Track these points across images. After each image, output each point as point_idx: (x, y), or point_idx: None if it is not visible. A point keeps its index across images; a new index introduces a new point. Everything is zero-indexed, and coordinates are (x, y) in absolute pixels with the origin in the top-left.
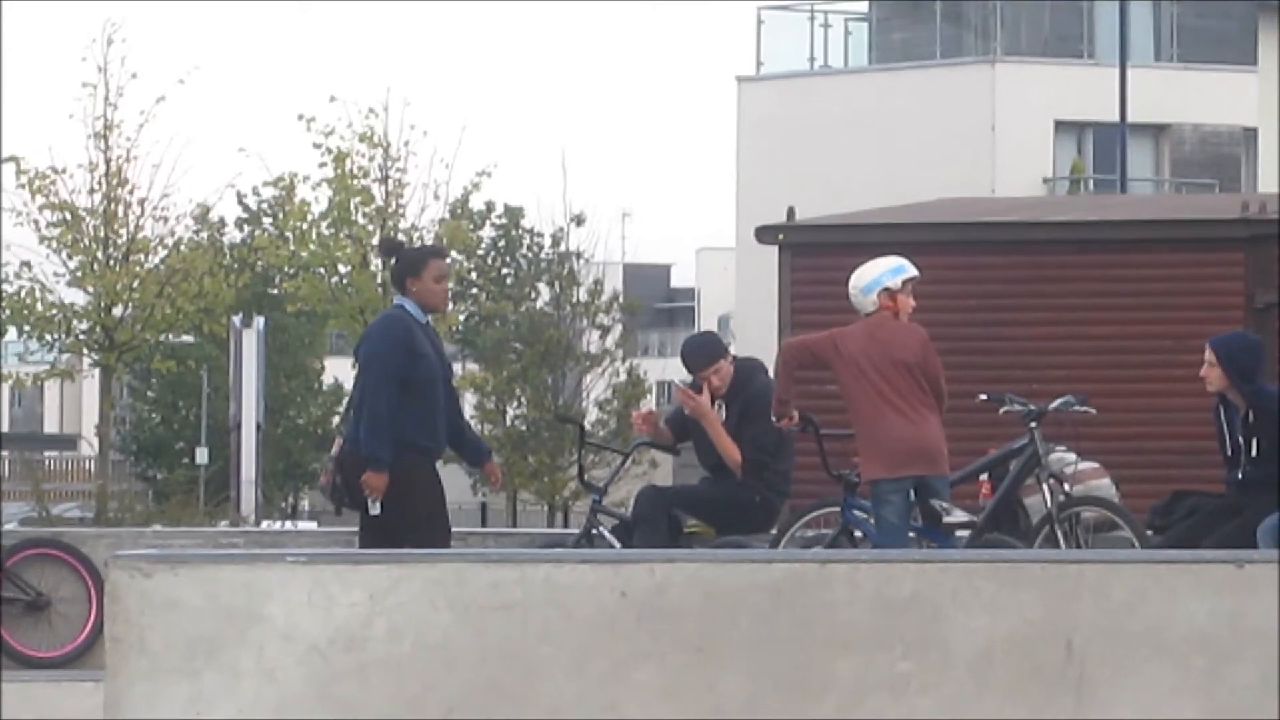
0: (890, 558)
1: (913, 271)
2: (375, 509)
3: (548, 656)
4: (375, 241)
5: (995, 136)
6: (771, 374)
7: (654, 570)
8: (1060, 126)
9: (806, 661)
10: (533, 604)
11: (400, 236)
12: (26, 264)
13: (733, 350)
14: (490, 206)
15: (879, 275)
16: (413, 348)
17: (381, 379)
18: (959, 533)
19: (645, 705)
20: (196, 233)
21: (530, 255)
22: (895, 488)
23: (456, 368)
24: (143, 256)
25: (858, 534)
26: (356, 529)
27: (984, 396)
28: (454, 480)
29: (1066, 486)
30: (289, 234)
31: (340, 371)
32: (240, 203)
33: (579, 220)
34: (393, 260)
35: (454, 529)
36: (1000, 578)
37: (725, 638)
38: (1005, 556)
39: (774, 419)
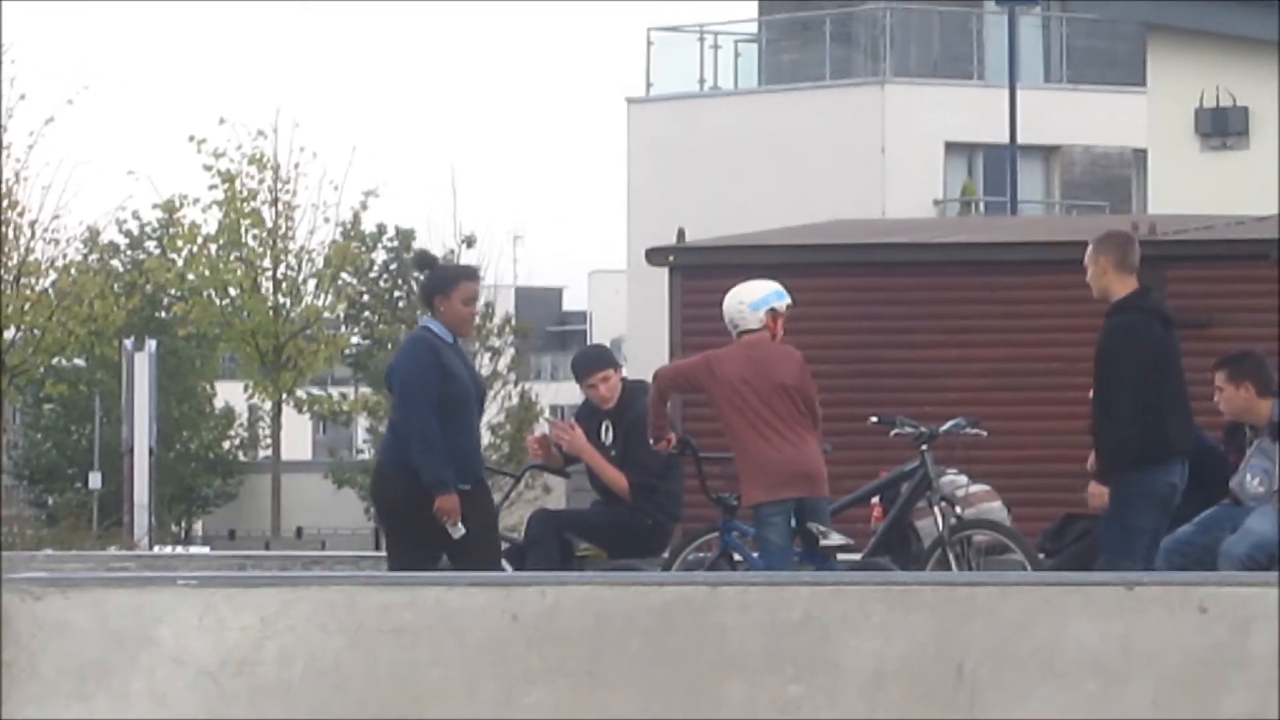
0: (781, 580)
1: (789, 299)
2: (458, 532)
3: (439, 680)
4: (265, 264)
5: (885, 158)
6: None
7: (545, 593)
8: (950, 148)
9: (697, 684)
10: (423, 627)
11: (291, 259)
12: None
13: (625, 373)
14: (382, 229)
15: (767, 295)
16: (444, 370)
17: (422, 403)
18: (839, 555)
19: None
20: (86, 255)
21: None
22: (777, 510)
23: (348, 392)
24: (33, 279)
25: (737, 557)
26: (247, 553)
27: (875, 419)
28: (347, 504)
29: (958, 509)
30: (174, 255)
31: (232, 395)
32: (120, 229)
33: (470, 242)
34: (423, 274)
35: (345, 553)
36: (891, 600)
37: (616, 660)
38: (896, 579)
39: (651, 442)
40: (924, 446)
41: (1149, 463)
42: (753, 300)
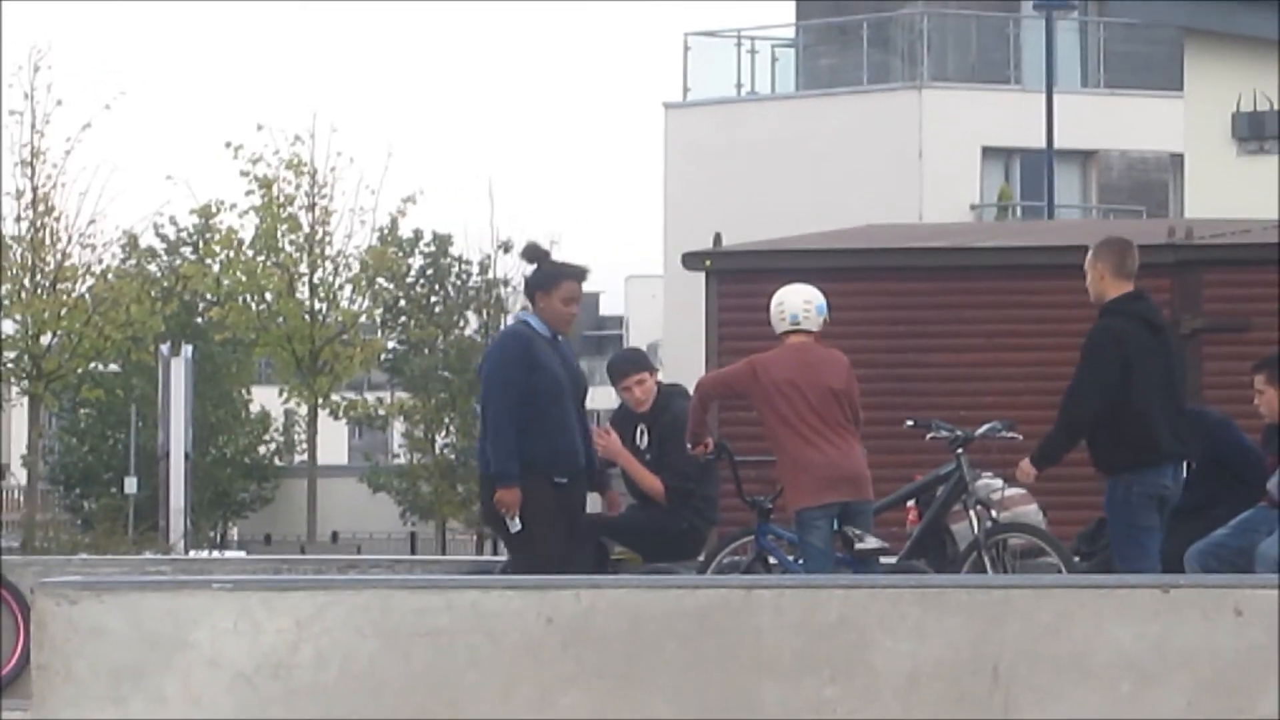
0: (816, 583)
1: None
2: (515, 525)
3: (474, 683)
4: (302, 269)
5: (922, 163)
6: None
7: (580, 596)
8: (988, 153)
9: (732, 686)
10: (459, 630)
11: (327, 264)
12: None
13: (660, 377)
14: (418, 234)
15: (823, 301)
16: (533, 362)
17: (499, 395)
18: (881, 559)
19: None
20: (123, 260)
21: (459, 283)
22: (821, 514)
23: (384, 396)
24: (70, 284)
25: (772, 560)
26: (282, 557)
27: (911, 422)
28: (382, 509)
29: (993, 513)
30: (209, 261)
31: (268, 399)
32: (157, 234)
33: (506, 248)
34: (531, 267)
35: (380, 557)
36: (927, 603)
37: (651, 663)
38: (932, 582)
39: (689, 447)
40: (959, 450)
41: (1141, 465)
42: (820, 303)
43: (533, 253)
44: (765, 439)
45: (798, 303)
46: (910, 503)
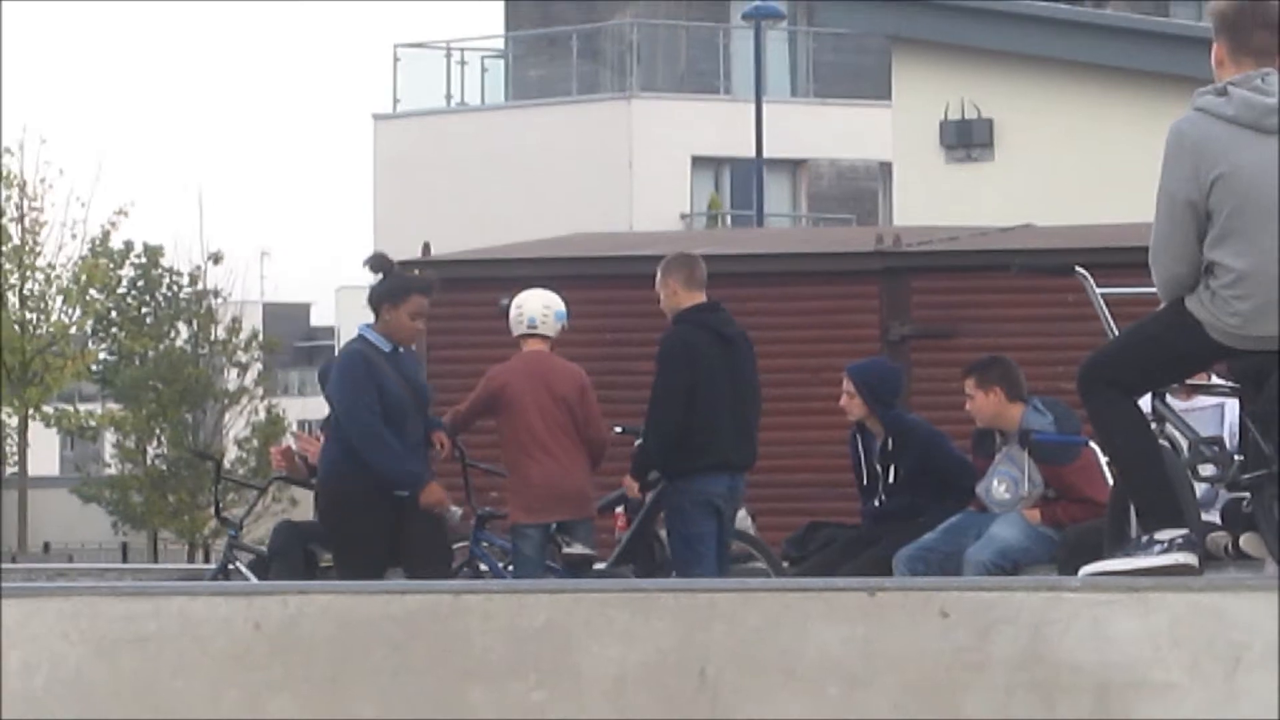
0: (523, 588)
1: None
2: (454, 516)
3: (182, 689)
4: (12, 280)
5: (633, 172)
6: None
7: (287, 602)
8: (698, 162)
9: (441, 691)
10: (167, 636)
11: (38, 276)
12: None
13: None
14: (129, 245)
15: (563, 309)
16: (376, 383)
17: (361, 414)
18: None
19: None
20: None
21: (169, 294)
22: (534, 528)
23: (95, 407)
24: None
25: (483, 567)
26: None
27: (620, 429)
28: (95, 519)
29: None
30: None
31: None
32: None
33: (216, 259)
34: (379, 278)
35: (90, 565)
36: (633, 607)
37: (359, 668)
38: (638, 586)
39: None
40: None
41: (695, 471)
42: (559, 309)
43: (379, 263)
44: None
45: (536, 307)
46: (619, 509)
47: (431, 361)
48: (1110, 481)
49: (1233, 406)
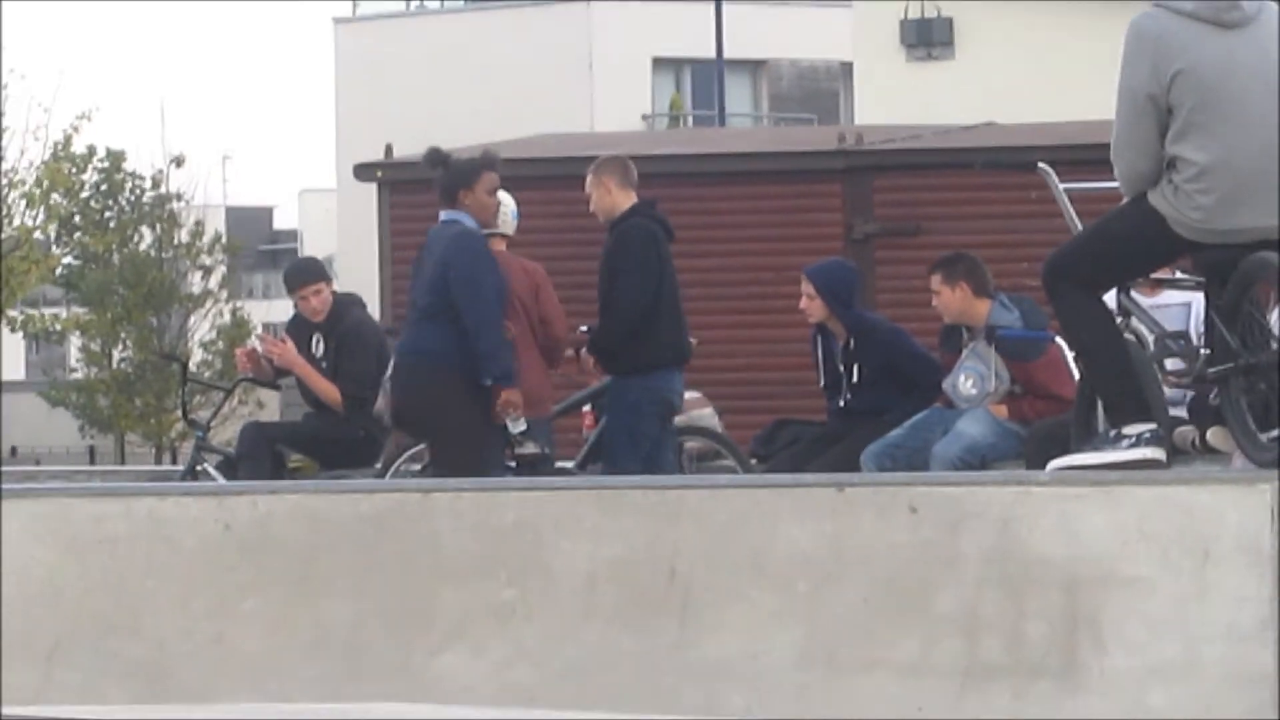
0: (493, 486)
1: None
2: (519, 426)
3: (153, 589)
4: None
5: (593, 74)
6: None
7: (257, 502)
8: (658, 63)
9: (411, 590)
10: (137, 537)
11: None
12: None
13: (335, 287)
14: (92, 150)
15: (515, 207)
16: (494, 262)
17: (485, 295)
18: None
19: (251, 636)
20: None
21: (132, 198)
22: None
23: (60, 312)
24: None
25: None
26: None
27: (585, 328)
28: (61, 423)
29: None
30: None
31: None
32: None
33: (179, 162)
34: (441, 170)
35: (59, 468)
36: (603, 504)
37: (329, 568)
38: (607, 483)
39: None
40: None
41: (655, 368)
42: (512, 208)
43: (435, 156)
44: None
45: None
46: (586, 408)
47: (395, 263)
48: (1076, 377)
49: (1199, 302)
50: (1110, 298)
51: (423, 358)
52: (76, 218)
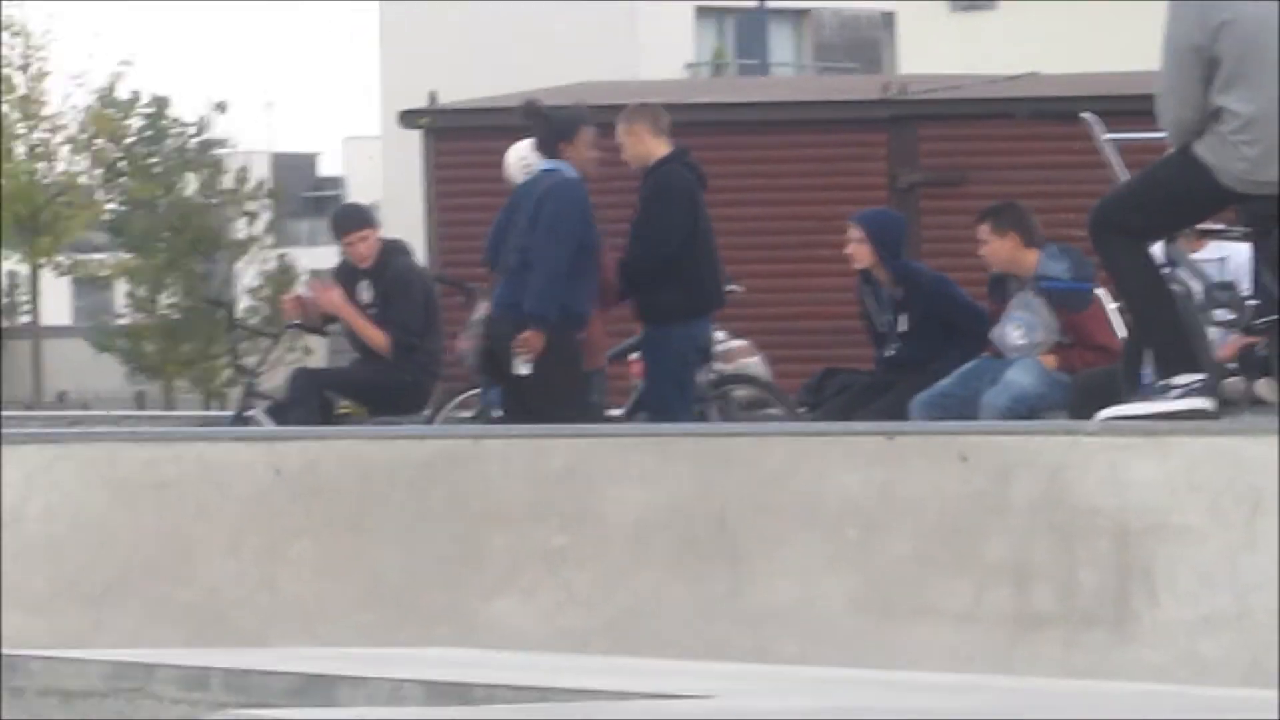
0: (543, 432)
1: None
2: (526, 369)
3: (204, 534)
4: (19, 129)
5: (636, 24)
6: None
7: (307, 448)
8: (701, 13)
9: (462, 536)
10: (187, 482)
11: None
12: None
13: (381, 233)
14: (136, 95)
15: None
16: (589, 214)
17: (561, 241)
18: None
19: (302, 581)
20: None
21: (177, 144)
22: None
23: (107, 257)
24: None
25: (495, 414)
26: (9, 413)
27: None
28: (108, 369)
29: (718, 365)
30: None
31: None
32: None
33: (222, 108)
34: (539, 122)
35: (108, 413)
36: (653, 451)
37: (380, 513)
38: (657, 430)
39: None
40: None
41: (694, 316)
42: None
43: (532, 109)
44: None
45: (519, 164)
46: (633, 356)
47: (441, 209)
48: (1118, 329)
49: (1237, 255)
50: (1157, 249)
51: (519, 309)
52: (122, 163)
